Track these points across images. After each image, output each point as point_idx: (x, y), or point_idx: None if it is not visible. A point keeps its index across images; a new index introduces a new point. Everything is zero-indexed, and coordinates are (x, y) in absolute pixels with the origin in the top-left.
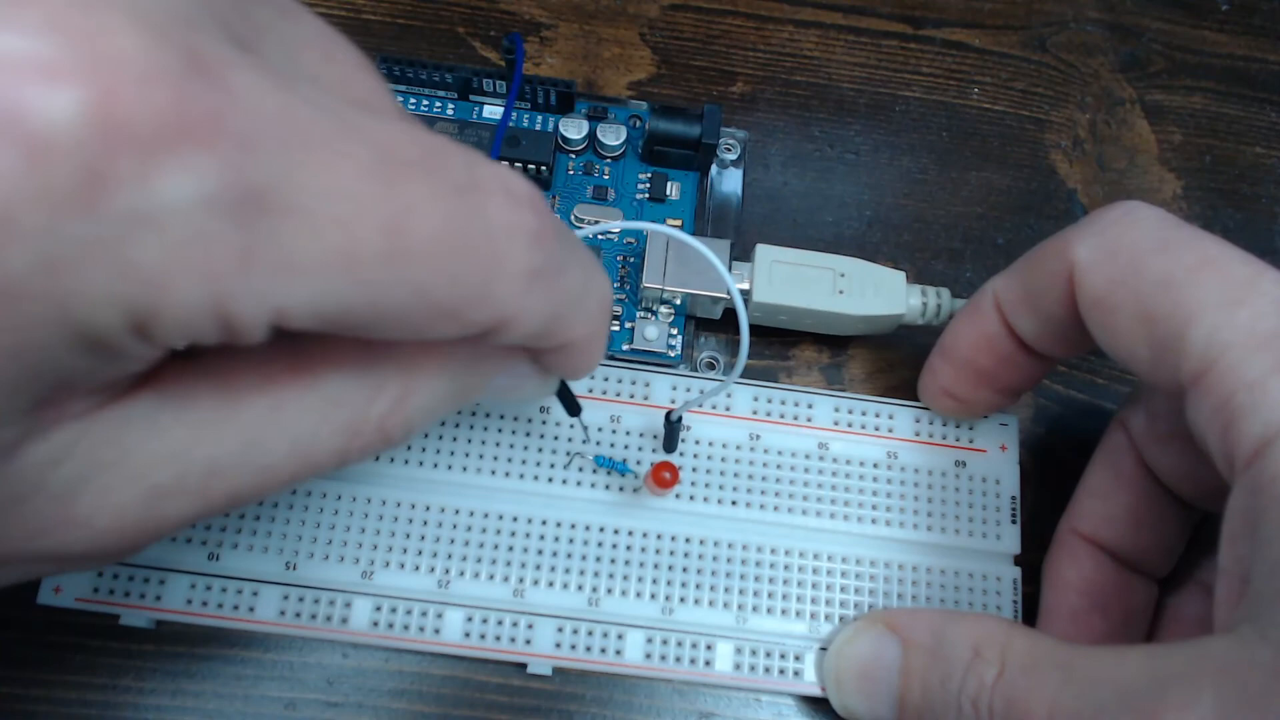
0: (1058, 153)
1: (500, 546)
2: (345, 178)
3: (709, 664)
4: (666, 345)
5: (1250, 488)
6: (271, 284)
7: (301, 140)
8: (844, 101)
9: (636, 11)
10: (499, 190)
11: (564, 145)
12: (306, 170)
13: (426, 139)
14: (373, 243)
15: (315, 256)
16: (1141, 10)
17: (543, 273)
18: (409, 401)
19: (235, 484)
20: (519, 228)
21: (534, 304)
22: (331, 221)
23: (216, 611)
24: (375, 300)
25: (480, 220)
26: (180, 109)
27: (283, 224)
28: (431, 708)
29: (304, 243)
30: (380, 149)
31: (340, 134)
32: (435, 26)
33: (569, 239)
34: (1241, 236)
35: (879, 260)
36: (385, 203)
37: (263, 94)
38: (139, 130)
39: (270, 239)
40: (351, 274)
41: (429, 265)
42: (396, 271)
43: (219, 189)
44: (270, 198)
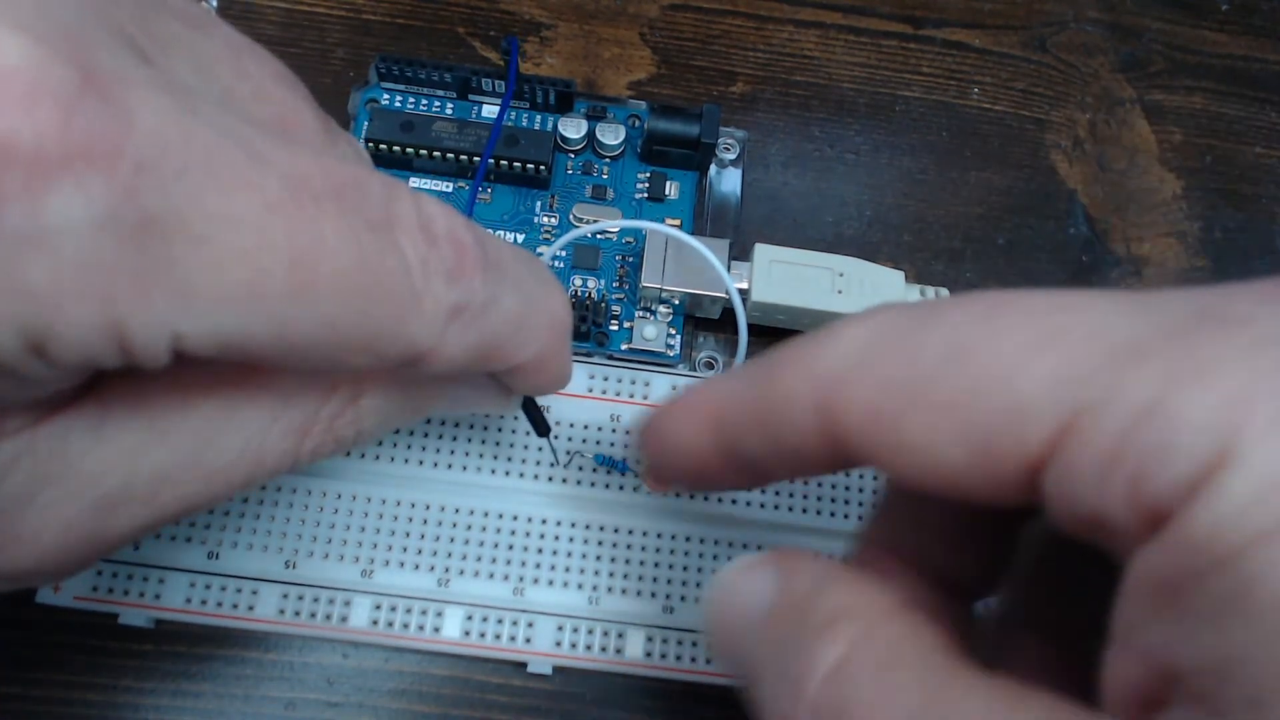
0: (1058, 153)
1: (500, 545)
2: (249, 208)
3: (709, 663)
4: (665, 345)
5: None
6: (169, 310)
7: (203, 166)
8: (844, 101)
9: (636, 11)
10: (413, 225)
11: (563, 145)
12: (207, 197)
13: (341, 171)
14: (277, 276)
15: (216, 286)
16: (1141, 10)
17: (463, 308)
18: (360, 403)
19: (185, 490)
20: (435, 264)
21: (456, 339)
22: (233, 252)
23: (216, 610)
24: (280, 333)
25: (392, 257)
26: (70, 129)
27: (181, 251)
28: (431, 707)
29: (203, 271)
30: (289, 180)
31: (246, 162)
32: (435, 26)
33: (505, 265)
34: (1241, 236)
35: (879, 260)
36: (291, 236)
37: (162, 115)
38: (24, 150)
39: (167, 265)
40: (254, 306)
41: (336, 301)
42: (302, 306)
43: (112, 212)
44: (167, 223)
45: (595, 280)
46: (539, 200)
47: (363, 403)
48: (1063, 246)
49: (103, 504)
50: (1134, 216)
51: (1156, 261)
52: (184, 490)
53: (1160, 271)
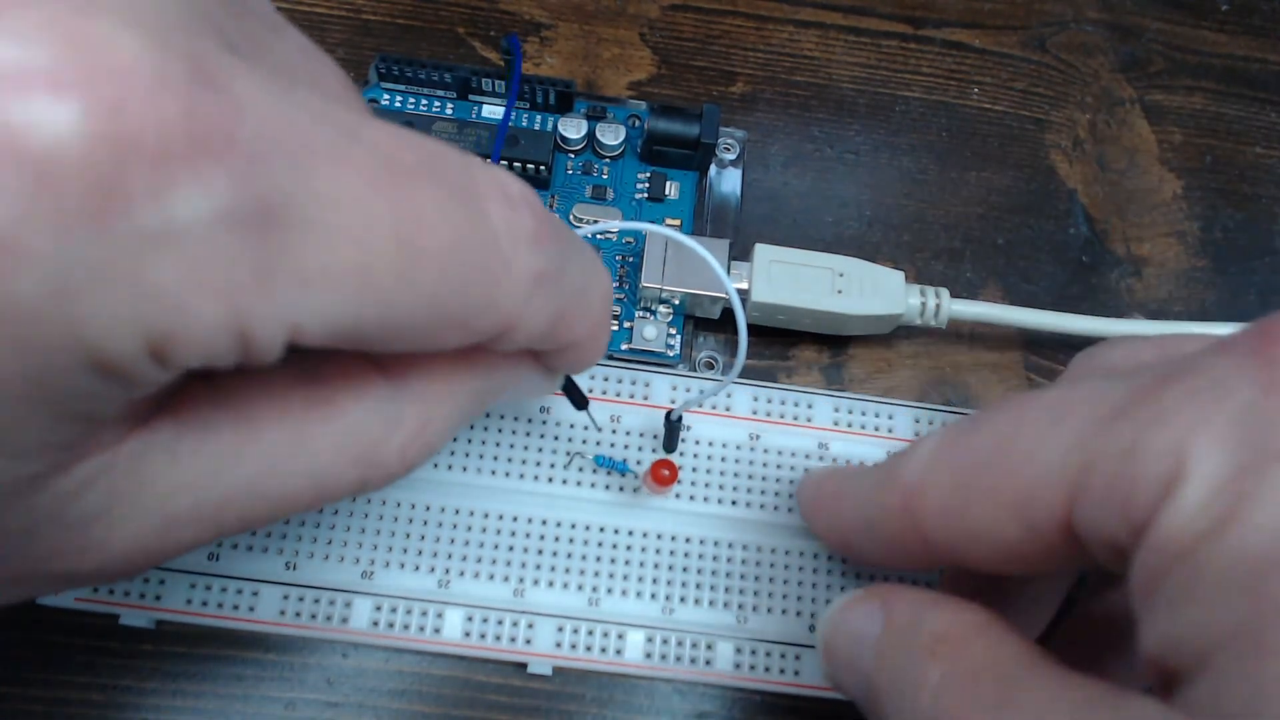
0: (1058, 153)
1: (500, 546)
2: (354, 188)
3: (709, 663)
4: (665, 345)
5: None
6: (289, 300)
7: (309, 149)
8: (844, 101)
9: (636, 11)
10: (497, 193)
11: (563, 145)
12: (316, 181)
13: (423, 143)
14: (386, 254)
15: (331, 270)
16: (1141, 10)
17: (545, 275)
18: (429, 429)
19: (250, 512)
20: (520, 231)
21: (538, 307)
22: (345, 234)
23: (216, 611)
24: (388, 312)
25: (484, 226)
26: (191, 120)
27: (297, 238)
28: (431, 708)
29: (319, 256)
30: (383, 155)
31: (345, 141)
32: (435, 26)
33: (567, 237)
34: (1242, 236)
35: (879, 260)
36: (394, 212)
37: (268, 102)
38: (150, 144)
39: (286, 254)
40: (365, 287)
41: (439, 275)
42: (408, 282)
43: (233, 204)
44: (283, 211)
45: None
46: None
47: (430, 427)
48: (1063, 246)
49: (170, 523)
50: (1134, 216)
51: (1156, 261)
52: (248, 513)
53: (1160, 271)
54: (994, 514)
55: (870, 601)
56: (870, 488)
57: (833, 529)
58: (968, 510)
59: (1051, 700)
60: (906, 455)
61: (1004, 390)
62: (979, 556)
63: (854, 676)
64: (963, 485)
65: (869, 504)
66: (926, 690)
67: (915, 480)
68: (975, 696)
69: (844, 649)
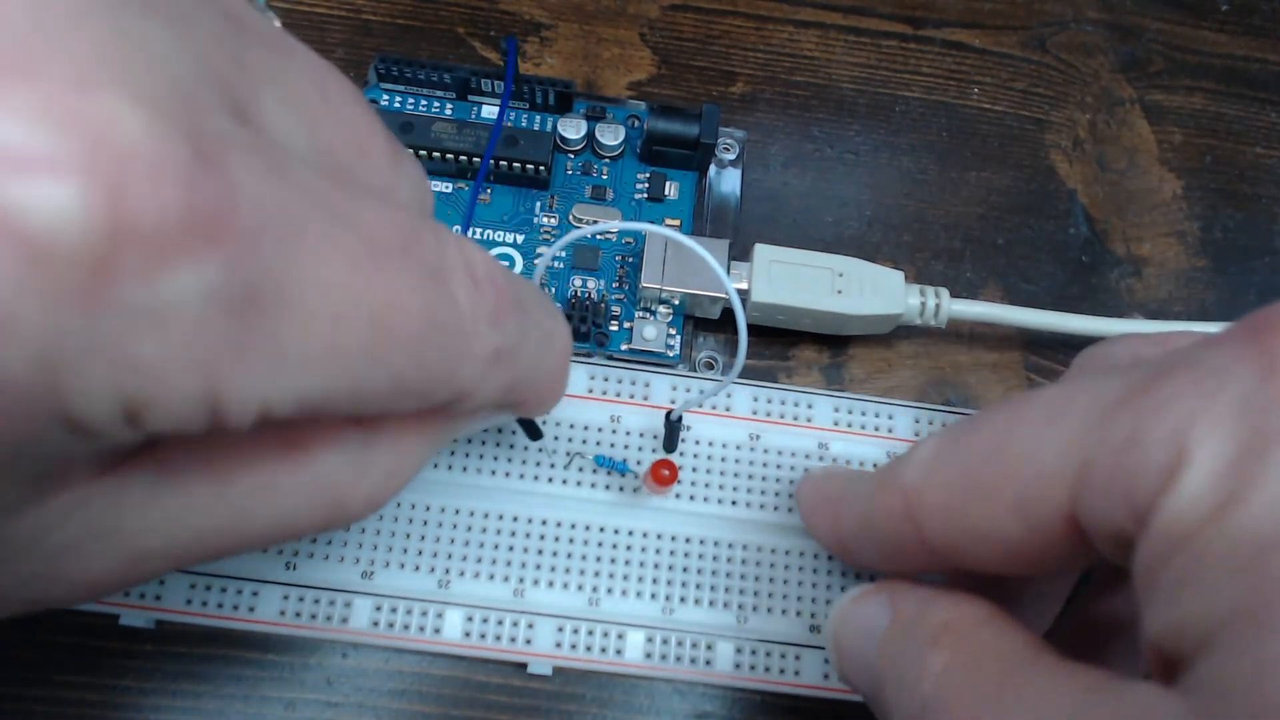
0: (1058, 153)
1: (500, 546)
2: (336, 270)
3: (709, 664)
4: (665, 345)
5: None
6: (263, 377)
7: (297, 232)
8: (844, 101)
9: (636, 12)
10: (464, 272)
11: (562, 145)
12: (302, 263)
13: (402, 221)
14: (359, 335)
15: (306, 350)
16: (1141, 10)
17: (502, 351)
18: (397, 474)
19: (217, 549)
20: (482, 310)
21: (493, 379)
22: (323, 315)
23: (216, 611)
24: (354, 387)
25: (451, 307)
26: (189, 207)
27: (277, 318)
28: (432, 708)
29: (297, 336)
30: (365, 236)
31: (331, 223)
32: (435, 26)
33: (527, 302)
34: (1242, 236)
35: (879, 260)
36: (371, 295)
37: (261, 182)
38: (147, 229)
39: (265, 333)
40: (337, 365)
41: (407, 355)
42: (377, 361)
43: (221, 286)
44: (267, 292)
45: (595, 281)
46: (538, 201)
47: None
48: (1063, 246)
49: (139, 558)
50: (1134, 216)
51: (1156, 261)
52: (216, 549)
53: (1160, 271)
54: (996, 513)
55: (878, 595)
56: (870, 491)
57: (832, 532)
58: (969, 510)
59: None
60: (906, 457)
61: (1004, 390)
62: (981, 557)
63: (861, 670)
64: (963, 485)
65: (869, 507)
66: (928, 679)
67: (915, 482)
68: (977, 685)
69: (851, 642)
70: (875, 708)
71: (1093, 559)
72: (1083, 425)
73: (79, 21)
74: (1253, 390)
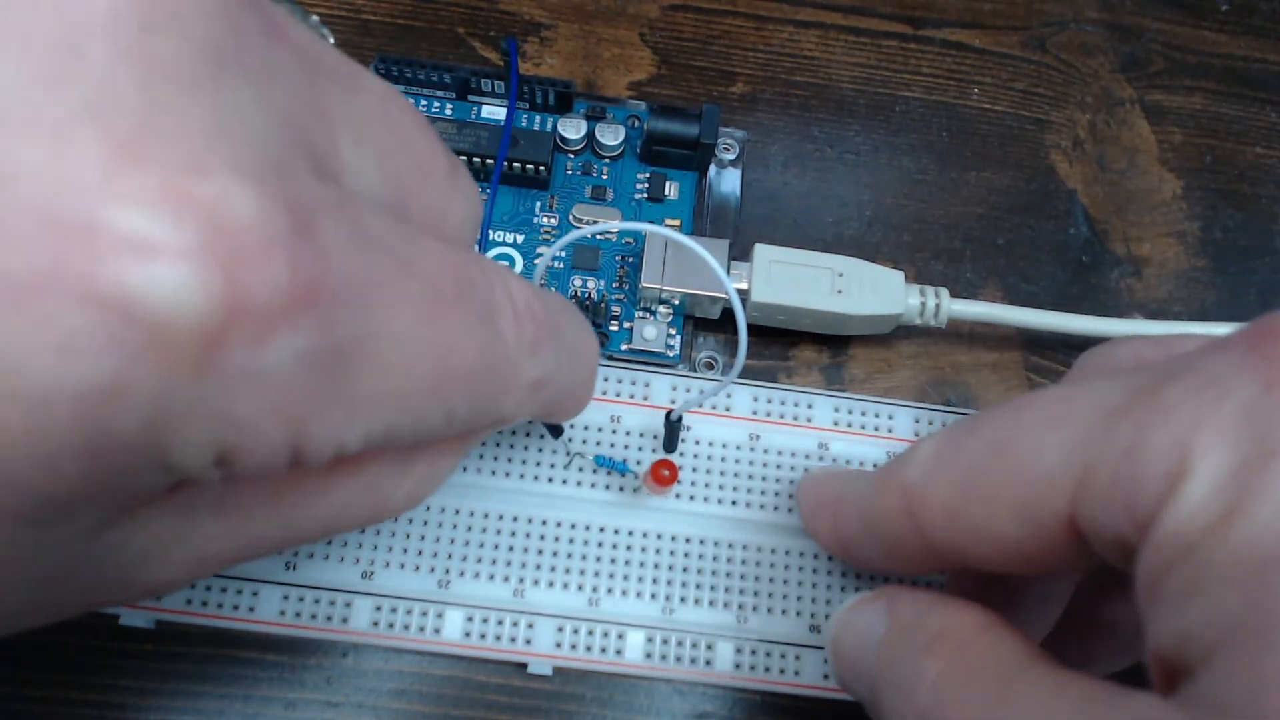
0: (1058, 153)
1: (500, 546)
2: (406, 321)
3: (709, 664)
4: (665, 345)
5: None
6: (341, 423)
7: (375, 288)
8: (844, 101)
9: (636, 12)
10: (509, 307)
11: (562, 145)
12: (378, 317)
13: (458, 263)
14: (424, 379)
15: (378, 395)
16: (1141, 10)
17: (540, 382)
18: (433, 478)
19: (269, 550)
20: (524, 343)
21: (531, 404)
22: (394, 363)
23: (216, 611)
24: (415, 425)
25: (500, 345)
26: (292, 280)
27: (355, 369)
28: (431, 708)
29: (371, 384)
30: (429, 283)
31: (401, 272)
32: (435, 26)
33: (560, 324)
34: (1242, 236)
35: (879, 260)
36: (435, 342)
37: (346, 243)
38: (256, 306)
39: (344, 383)
40: (403, 408)
41: (462, 393)
42: (437, 401)
43: (314, 346)
44: (348, 346)
45: (595, 281)
46: (538, 201)
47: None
48: (1063, 247)
49: (199, 564)
50: (1134, 216)
51: (1156, 261)
52: (268, 550)
53: (1160, 272)
54: (997, 514)
55: (876, 602)
56: (871, 490)
57: (833, 532)
58: (970, 510)
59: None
60: (907, 456)
61: (1004, 390)
62: (982, 557)
63: (859, 677)
64: (965, 485)
65: (870, 506)
66: (924, 686)
67: (916, 481)
68: (973, 694)
69: (850, 649)
70: (874, 715)
71: (1094, 562)
72: (1084, 429)
73: (187, 93)
74: (1256, 400)
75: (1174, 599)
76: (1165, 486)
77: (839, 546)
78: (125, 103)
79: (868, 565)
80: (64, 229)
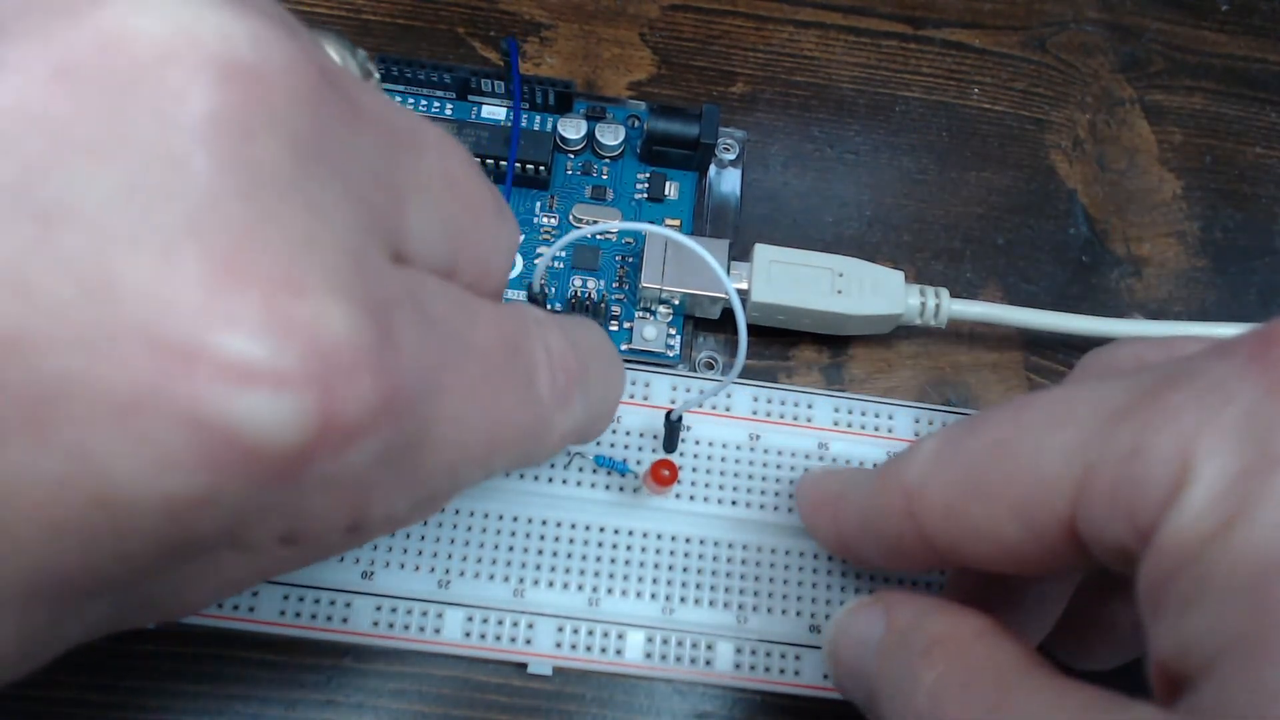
0: (1058, 153)
1: (500, 546)
2: (465, 404)
3: (709, 664)
4: (665, 345)
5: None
6: (397, 499)
7: (440, 372)
8: (844, 101)
9: (636, 12)
10: (545, 363)
11: (562, 145)
12: (442, 403)
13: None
14: (476, 452)
15: (434, 472)
16: (1141, 10)
17: (570, 434)
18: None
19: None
20: (557, 398)
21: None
22: (452, 443)
23: (216, 611)
24: (457, 488)
25: (539, 406)
26: (378, 394)
27: (418, 453)
28: (432, 707)
29: (429, 465)
30: (483, 358)
31: (462, 354)
32: (435, 26)
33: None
34: (1242, 236)
35: (879, 260)
36: (488, 416)
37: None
38: (345, 422)
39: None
40: (453, 478)
41: (504, 457)
42: (482, 467)
43: (387, 445)
44: (416, 437)
45: (595, 281)
46: (538, 201)
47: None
48: (1063, 247)
49: (224, 590)
50: (1134, 216)
51: (1156, 261)
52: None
53: (1160, 272)
54: (996, 515)
55: (874, 607)
56: (871, 489)
57: (832, 531)
58: (970, 511)
59: (1048, 705)
60: (907, 456)
61: (1004, 390)
62: (982, 557)
63: (857, 681)
64: (965, 486)
65: (869, 505)
66: (922, 692)
67: (916, 480)
68: (971, 699)
69: (848, 654)
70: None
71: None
72: (1085, 432)
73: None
74: (1258, 406)
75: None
76: (1166, 493)
77: (838, 545)
78: (226, 216)
79: (867, 563)
80: (168, 350)
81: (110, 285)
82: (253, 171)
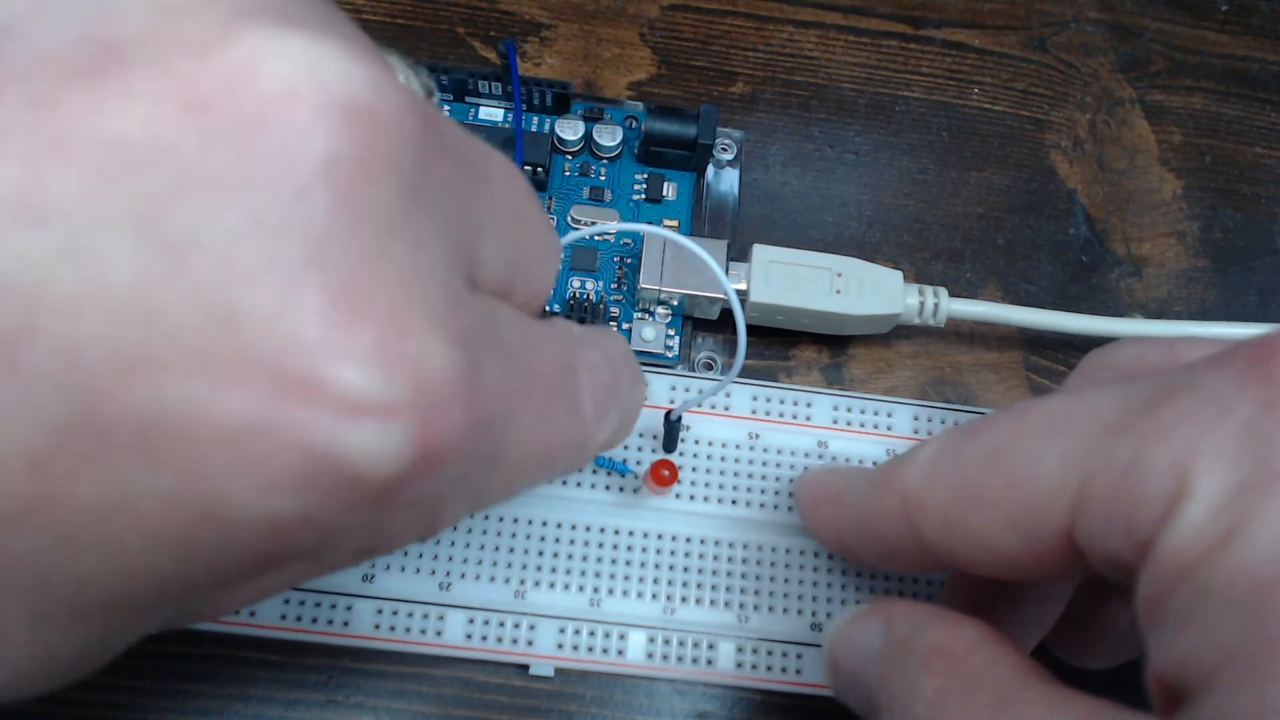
0: (1058, 153)
1: (501, 548)
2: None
3: (711, 663)
4: (664, 346)
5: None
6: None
7: (512, 397)
8: (844, 101)
9: (636, 11)
10: (588, 380)
11: (560, 146)
12: (511, 426)
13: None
14: (530, 469)
15: (494, 490)
16: (1141, 10)
17: (604, 444)
18: None
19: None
20: (597, 413)
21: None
22: (513, 463)
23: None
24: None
25: (583, 423)
26: (468, 420)
27: (484, 473)
28: (433, 708)
29: (491, 482)
30: (542, 381)
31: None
32: (435, 26)
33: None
34: (1241, 236)
35: (878, 260)
36: (544, 436)
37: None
38: (439, 448)
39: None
40: (507, 494)
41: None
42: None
43: (466, 467)
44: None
45: (593, 282)
46: None
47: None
48: (1062, 246)
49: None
50: (1134, 216)
51: (1156, 261)
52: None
53: (1160, 272)
54: (994, 523)
55: (873, 615)
56: (869, 490)
57: (831, 530)
58: (967, 518)
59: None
60: (906, 459)
61: (1004, 390)
62: (979, 563)
63: (857, 690)
64: (963, 493)
65: (867, 506)
66: (921, 702)
67: (914, 485)
68: (970, 709)
69: (847, 663)
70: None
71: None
72: (1083, 443)
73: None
74: (1255, 420)
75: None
76: (1164, 508)
77: (838, 542)
78: (343, 253)
79: (864, 563)
80: (287, 380)
81: (234, 315)
82: (369, 210)
